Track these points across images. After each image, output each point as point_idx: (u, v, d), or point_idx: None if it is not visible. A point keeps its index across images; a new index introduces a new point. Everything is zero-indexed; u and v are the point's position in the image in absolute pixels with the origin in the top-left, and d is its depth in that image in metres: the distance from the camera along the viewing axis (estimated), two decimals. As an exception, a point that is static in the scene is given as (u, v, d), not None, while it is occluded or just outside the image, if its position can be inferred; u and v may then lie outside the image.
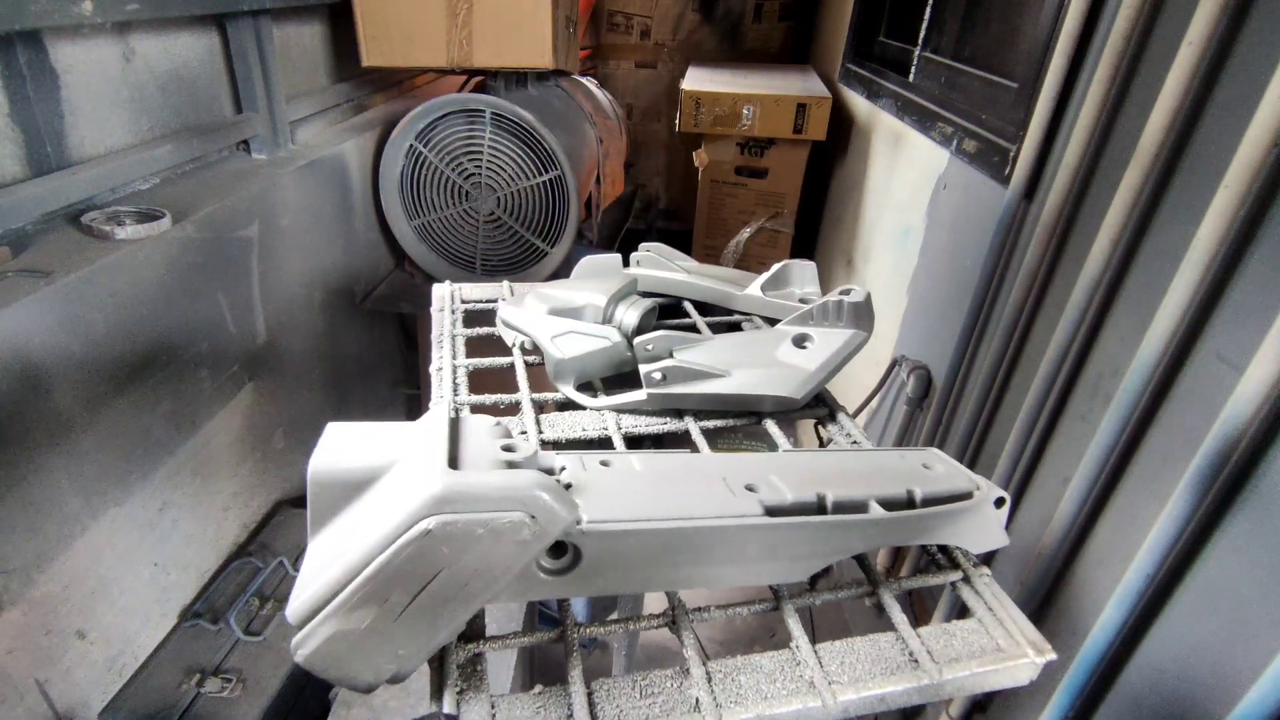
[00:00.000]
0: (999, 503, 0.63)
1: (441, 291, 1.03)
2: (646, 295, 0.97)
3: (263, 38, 1.42)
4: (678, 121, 2.60)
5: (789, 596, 0.60)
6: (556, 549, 0.51)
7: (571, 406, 0.81)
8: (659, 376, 0.77)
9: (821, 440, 0.84)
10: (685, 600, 0.59)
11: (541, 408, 0.80)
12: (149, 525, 1.11)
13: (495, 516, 0.45)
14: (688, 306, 1.03)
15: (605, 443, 0.75)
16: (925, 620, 1.39)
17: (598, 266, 1.00)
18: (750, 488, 0.58)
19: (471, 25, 1.67)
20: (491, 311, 0.94)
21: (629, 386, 0.81)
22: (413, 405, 2.14)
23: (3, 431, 0.86)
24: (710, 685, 0.52)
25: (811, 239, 2.91)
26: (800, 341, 0.82)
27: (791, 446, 0.75)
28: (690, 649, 0.54)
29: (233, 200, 1.26)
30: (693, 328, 0.98)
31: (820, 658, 0.54)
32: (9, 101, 0.98)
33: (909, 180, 1.86)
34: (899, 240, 1.89)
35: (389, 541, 0.45)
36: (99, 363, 1.00)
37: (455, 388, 0.82)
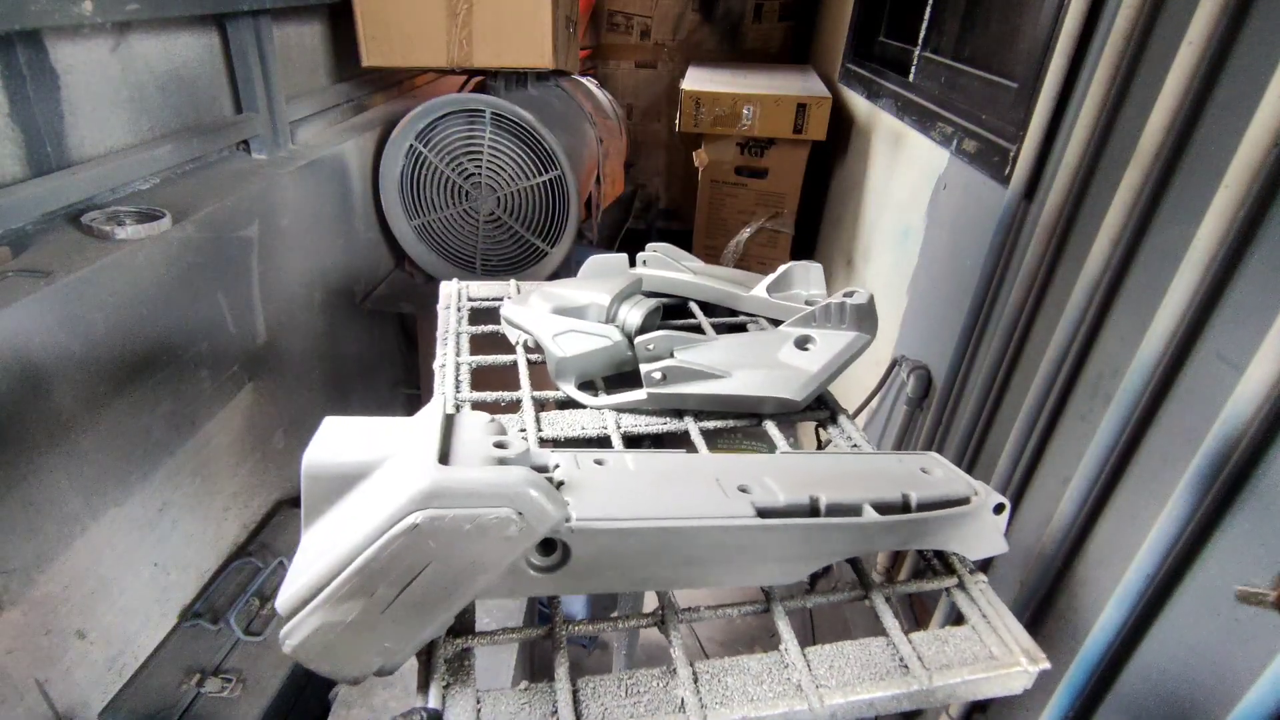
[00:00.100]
0: (998, 509, 0.62)
1: (448, 289, 1.03)
2: (651, 295, 0.97)
3: (263, 38, 1.42)
4: (678, 121, 2.60)
5: (780, 598, 0.60)
6: (546, 546, 0.51)
7: (572, 405, 0.81)
8: (659, 376, 0.77)
9: (821, 443, 0.83)
10: (678, 600, 0.58)
11: (543, 406, 0.80)
12: (149, 525, 1.11)
13: (482, 512, 0.45)
14: (693, 307, 1.03)
15: (604, 441, 0.75)
16: (926, 622, 1.39)
17: (604, 266, 1.00)
18: (743, 489, 0.57)
19: (471, 25, 1.67)
20: (497, 310, 0.94)
21: (630, 386, 0.80)
22: (413, 405, 2.14)
23: (3, 431, 0.86)
24: (696, 686, 0.52)
25: (811, 239, 2.91)
26: (802, 343, 0.82)
27: (790, 448, 0.75)
28: (678, 649, 0.54)
29: (233, 200, 1.26)
30: (697, 328, 0.98)
31: (809, 661, 0.54)
32: (9, 101, 0.98)
33: (909, 180, 1.86)
34: (899, 240, 1.89)
35: (377, 535, 0.45)
36: (99, 363, 1.00)
37: (458, 384, 0.82)
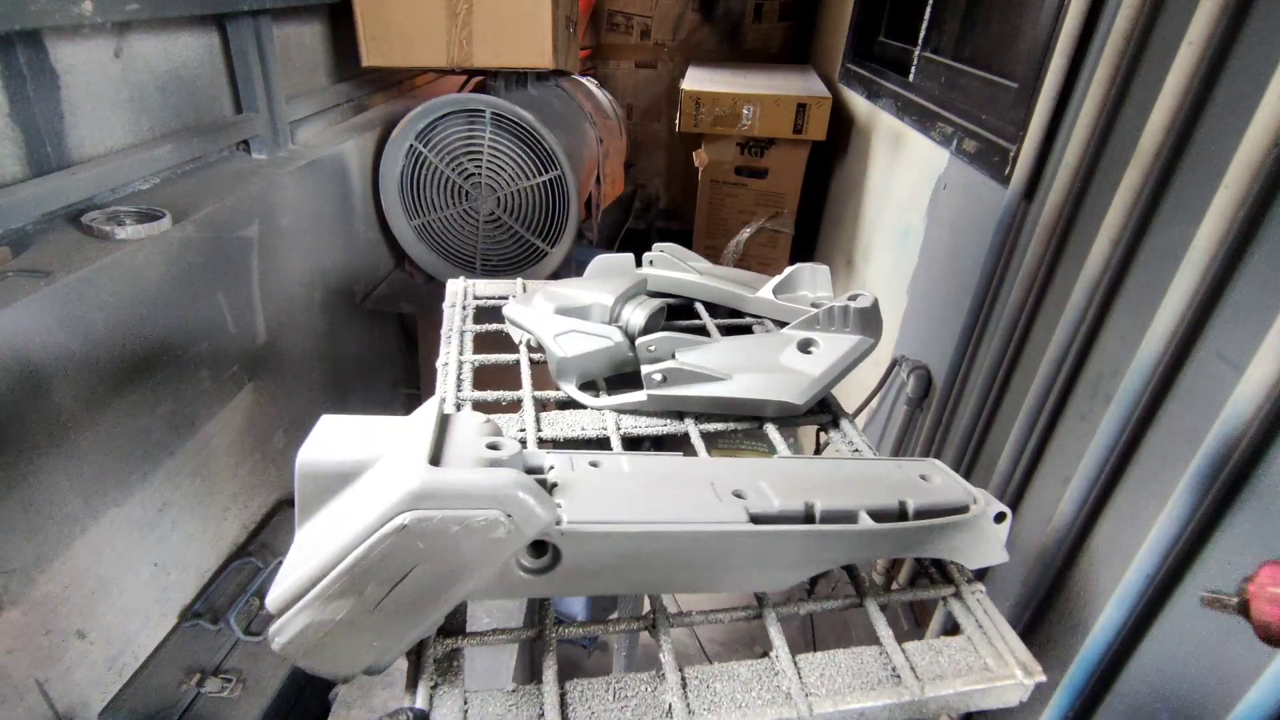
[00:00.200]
0: (999, 518, 0.61)
1: (454, 287, 1.04)
2: (656, 296, 0.96)
3: (263, 38, 1.42)
4: (678, 121, 2.60)
5: (773, 604, 0.59)
6: (537, 548, 0.51)
7: (573, 406, 0.81)
8: (659, 378, 0.76)
9: (822, 446, 0.83)
10: (678, 603, 0.58)
11: (544, 406, 0.80)
12: (149, 525, 1.11)
13: (470, 514, 0.45)
14: (699, 308, 1.03)
15: (604, 443, 0.75)
16: (926, 622, 1.39)
17: (610, 266, 1.00)
18: (738, 494, 0.57)
19: (471, 25, 1.67)
20: (501, 308, 0.95)
21: (632, 387, 0.80)
22: (412, 405, 2.13)
23: (3, 431, 0.86)
24: (685, 691, 0.51)
25: (811, 239, 2.91)
26: (805, 346, 0.82)
27: (790, 452, 0.74)
28: (668, 653, 0.54)
29: (233, 200, 1.26)
30: (702, 329, 0.98)
31: (800, 668, 0.54)
32: (9, 101, 0.98)
33: (909, 180, 1.86)
34: (899, 240, 1.89)
35: (366, 535, 0.45)
36: (99, 363, 1.00)
37: (459, 383, 0.82)
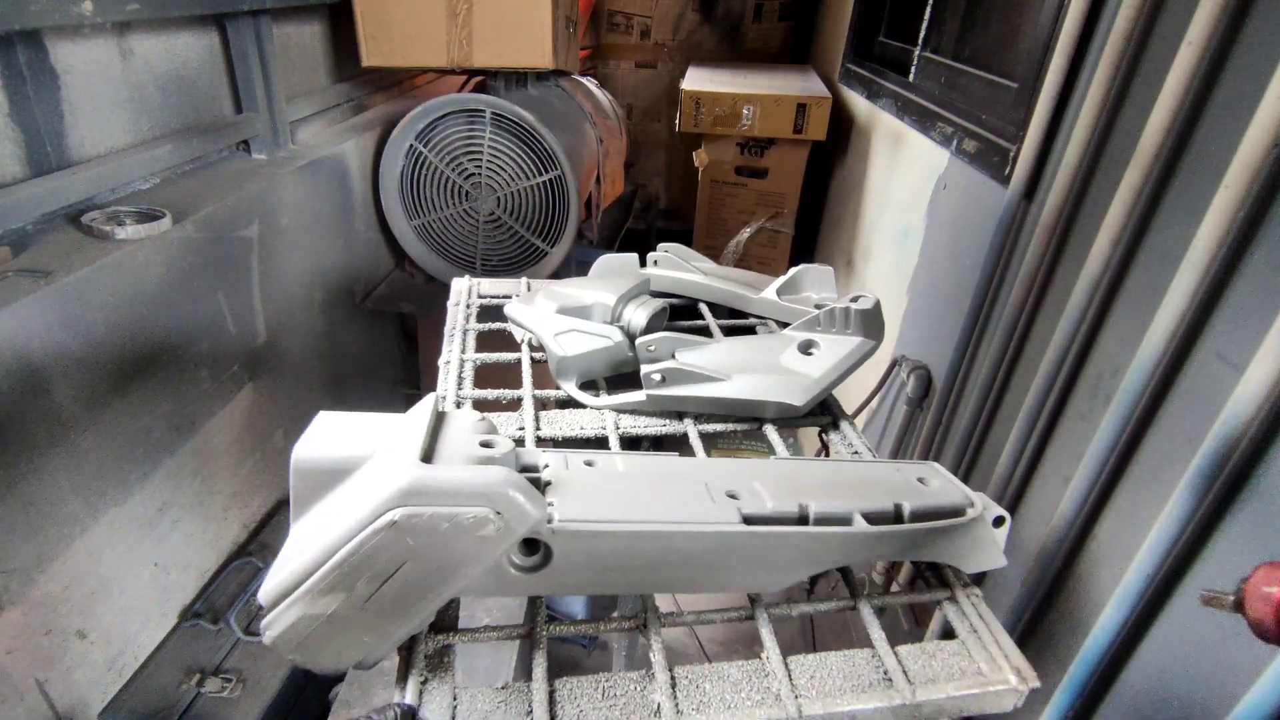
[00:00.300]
0: (998, 522, 0.61)
1: (459, 285, 1.04)
2: (659, 296, 0.96)
3: (263, 38, 1.42)
4: (678, 121, 2.60)
5: (765, 605, 0.59)
6: (529, 546, 0.51)
7: (573, 405, 0.82)
8: (658, 378, 0.76)
9: (822, 447, 0.83)
10: (669, 604, 0.58)
11: (544, 405, 0.80)
12: (149, 525, 1.11)
13: (460, 511, 0.45)
14: (703, 309, 1.03)
15: (602, 442, 0.75)
16: (926, 622, 1.39)
17: (614, 266, 1.00)
18: (732, 495, 0.57)
19: (471, 25, 1.67)
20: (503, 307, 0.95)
21: (632, 387, 0.80)
22: (412, 404, 2.13)
23: (3, 431, 0.86)
24: (674, 690, 0.51)
25: (811, 239, 2.91)
26: (806, 348, 0.81)
27: (789, 453, 0.74)
28: (658, 653, 0.54)
29: (233, 200, 1.26)
30: (705, 330, 0.98)
31: (790, 670, 0.53)
32: (9, 101, 0.98)
33: (909, 180, 1.86)
34: (899, 240, 1.89)
35: (356, 531, 0.45)
36: (99, 363, 1.00)
37: (460, 381, 0.82)
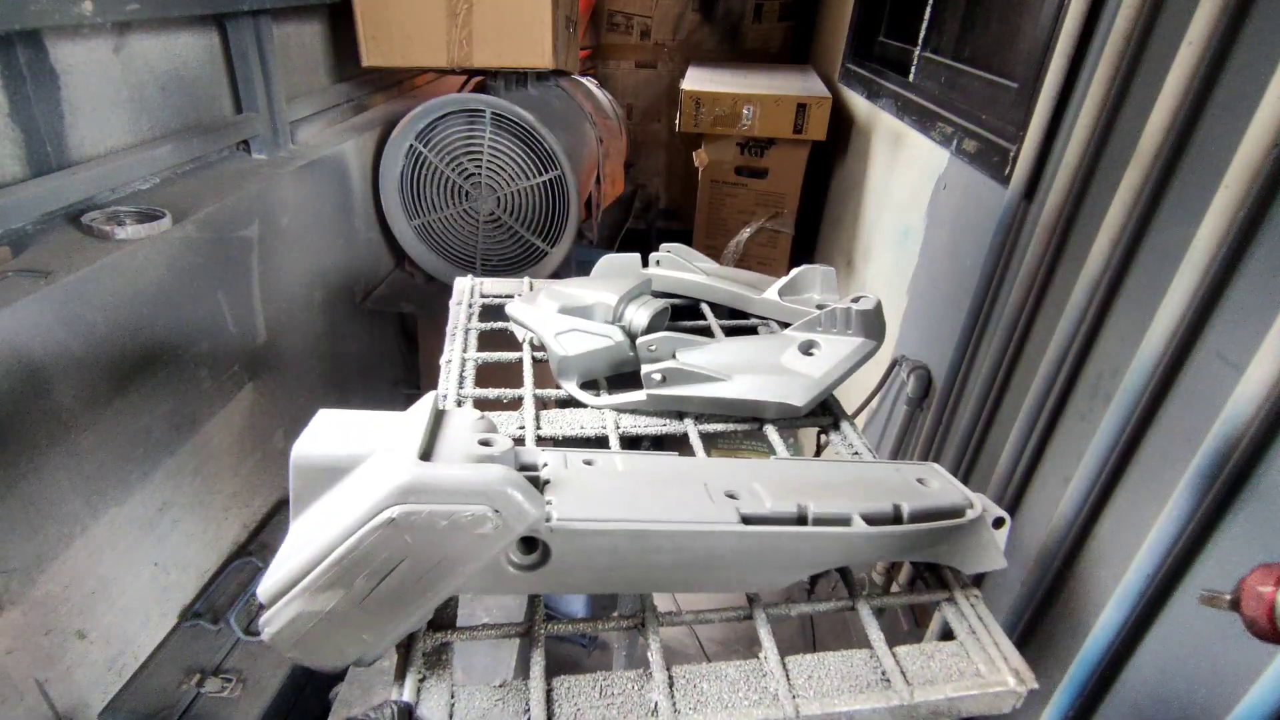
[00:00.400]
0: (998, 523, 0.61)
1: (462, 284, 1.04)
2: (661, 296, 0.96)
3: (263, 38, 1.42)
4: (678, 121, 2.60)
5: (763, 605, 0.59)
6: (528, 545, 0.51)
7: (574, 404, 0.82)
8: (659, 378, 0.76)
9: (821, 448, 0.83)
10: (668, 603, 0.58)
11: (544, 404, 0.81)
12: (149, 525, 1.11)
13: (458, 509, 0.46)
14: (704, 309, 1.03)
15: (603, 441, 0.75)
16: (926, 622, 1.39)
17: (616, 266, 1.00)
18: (731, 495, 0.57)
19: (471, 25, 1.67)
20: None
21: (634, 387, 0.80)
22: (412, 404, 2.14)
23: (3, 431, 0.86)
24: (671, 690, 0.51)
25: (812, 239, 2.91)
26: (807, 348, 0.81)
27: (789, 453, 0.74)
28: (656, 652, 0.54)
29: (233, 200, 1.26)
30: (707, 330, 0.98)
31: (788, 670, 0.53)
32: (9, 101, 0.98)
33: (909, 180, 1.86)
34: (899, 240, 1.89)
35: (355, 528, 0.45)
36: (99, 362, 1.00)
37: (462, 380, 0.82)
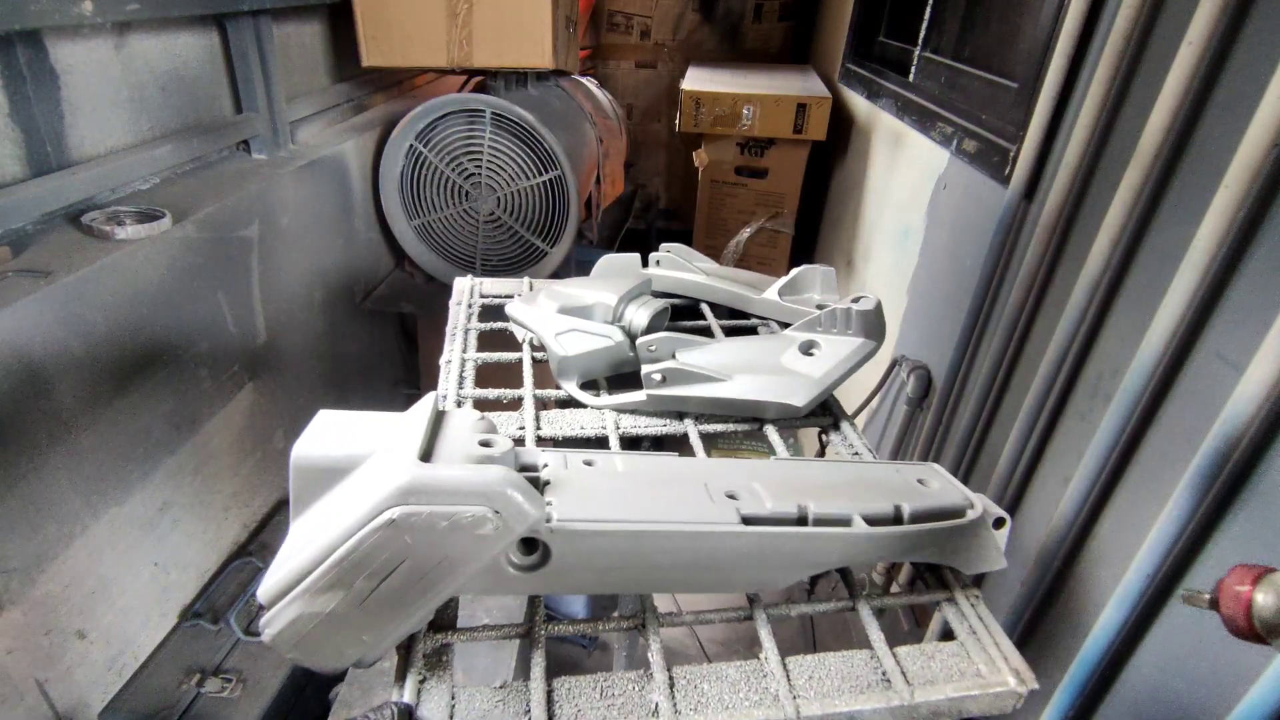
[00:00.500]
0: (998, 524, 0.61)
1: (461, 285, 1.04)
2: (661, 296, 0.96)
3: (263, 38, 1.42)
4: (678, 121, 2.60)
5: (764, 606, 0.59)
6: (528, 545, 0.51)
7: (573, 405, 0.82)
8: (659, 378, 0.76)
9: (822, 448, 0.83)
10: (668, 603, 0.58)
11: (544, 404, 0.81)
12: (149, 525, 1.11)
13: (458, 510, 0.46)
14: (704, 309, 1.03)
15: (602, 442, 0.75)
16: (926, 623, 1.39)
17: (616, 266, 1.00)
18: (731, 495, 0.57)
19: (471, 25, 1.67)
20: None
21: (634, 387, 0.80)
22: (412, 404, 2.14)
23: (3, 431, 0.86)
24: (672, 691, 0.51)
25: (811, 239, 2.91)
26: (807, 349, 0.81)
27: (789, 454, 0.74)
28: (656, 653, 0.54)
29: (233, 200, 1.26)
30: (707, 330, 0.98)
31: (788, 670, 0.53)
32: (9, 101, 0.98)
33: (909, 180, 1.86)
34: (899, 240, 1.89)
35: (355, 529, 0.45)
36: (99, 362, 1.00)
37: (461, 381, 0.82)
